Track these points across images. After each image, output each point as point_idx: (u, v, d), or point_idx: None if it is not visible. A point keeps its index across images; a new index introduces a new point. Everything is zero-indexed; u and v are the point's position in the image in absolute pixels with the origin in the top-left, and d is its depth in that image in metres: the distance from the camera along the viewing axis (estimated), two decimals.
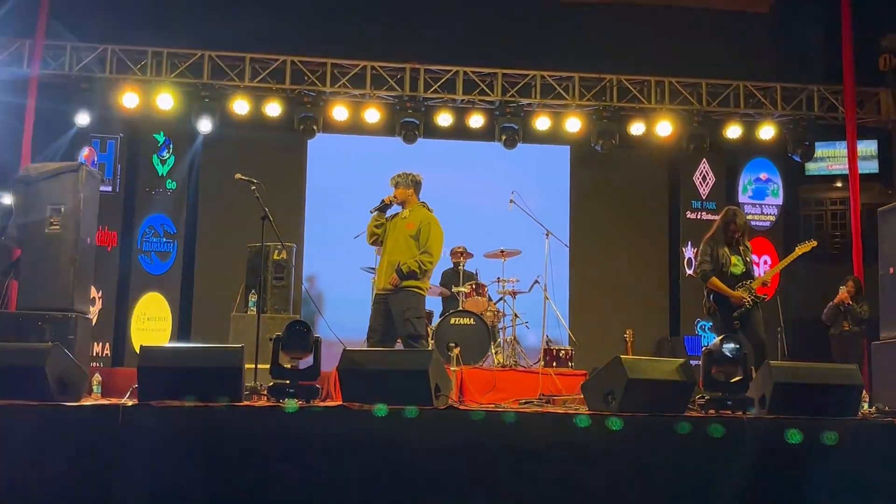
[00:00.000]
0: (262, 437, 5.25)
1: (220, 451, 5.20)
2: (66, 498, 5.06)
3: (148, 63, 11.52)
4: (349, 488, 5.13)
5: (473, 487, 5.18)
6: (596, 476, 5.28)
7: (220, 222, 11.90)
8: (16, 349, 6.09)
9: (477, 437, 5.32)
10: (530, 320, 10.27)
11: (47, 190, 8.25)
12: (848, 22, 11.30)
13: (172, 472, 5.11)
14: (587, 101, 12.10)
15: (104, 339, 11.48)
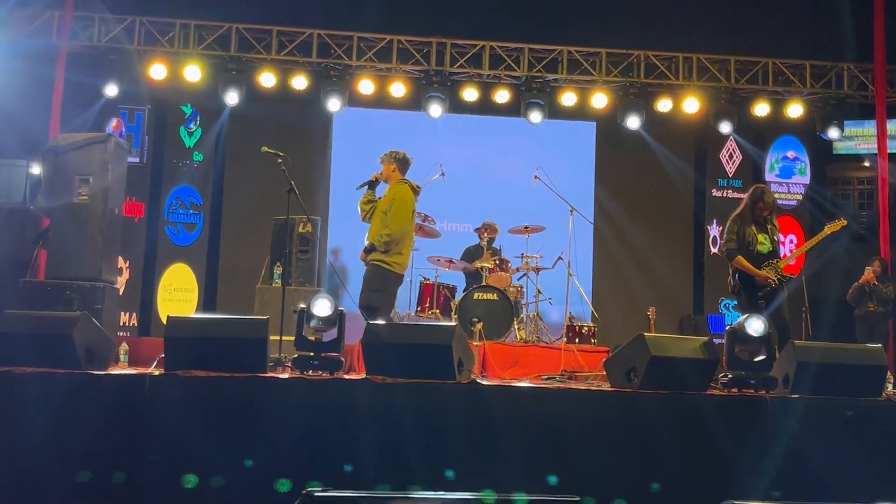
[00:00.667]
0: (286, 407, 5.30)
1: (244, 421, 5.27)
2: (93, 465, 5.14)
3: (176, 35, 11.55)
4: (371, 460, 5.18)
5: (495, 461, 5.22)
6: (617, 452, 5.30)
7: (246, 195, 11.94)
8: (44, 318, 6.18)
9: (499, 412, 5.35)
10: (553, 297, 10.27)
11: (76, 161, 8.32)
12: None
13: (197, 441, 5.17)
14: (614, 77, 12.03)
15: (131, 309, 11.58)
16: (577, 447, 5.26)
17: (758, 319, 6.00)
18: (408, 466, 5.15)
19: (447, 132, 12.25)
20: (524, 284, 10.31)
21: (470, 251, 10.79)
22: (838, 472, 5.28)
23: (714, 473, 5.27)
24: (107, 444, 5.17)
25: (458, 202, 11.93)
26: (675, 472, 5.26)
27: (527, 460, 5.24)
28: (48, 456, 5.11)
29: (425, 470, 5.15)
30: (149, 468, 5.15)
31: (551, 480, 5.15)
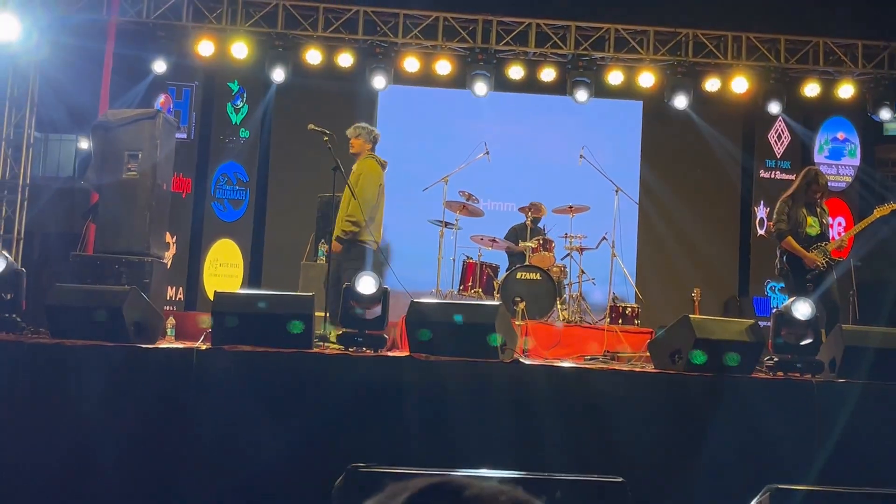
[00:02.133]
0: (331, 383, 5.36)
1: (290, 396, 5.33)
2: (142, 438, 5.24)
3: (223, 11, 11.61)
4: (414, 436, 5.22)
5: (537, 440, 5.23)
6: (660, 434, 5.29)
7: (291, 171, 12.02)
8: (94, 291, 6.29)
9: (542, 391, 5.36)
10: (597, 277, 10.24)
11: (125, 136, 8.42)
12: None
13: (243, 415, 5.25)
14: (661, 56, 11.90)
15: (177, 284, 11.71)
16: (620, 428, 5.26)
17: (805, 303, 5.94)
18: (451, 444, 5.19)
19: (492, 110, 12.21)
20: (567, 264, 10.28)
21: (515, 230, 10.78)
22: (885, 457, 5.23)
23: (758, 457, 5.24)
24: (155, 416, 5.27)
25: (502, 181, 11.91)
26: (719, 456, 5.24)
27: (569, 440, 5.25)
28: (98, 427, 5.22)
29: (468, 447, 5.18)
30: (196, 441, 5.24)
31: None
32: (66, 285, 6.35)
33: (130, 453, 5.20)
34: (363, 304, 6.07)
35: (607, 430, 5.26)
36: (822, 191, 7.69)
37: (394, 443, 5.22)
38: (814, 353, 5.89)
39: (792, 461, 5.21)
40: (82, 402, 5.25)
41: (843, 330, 5.89)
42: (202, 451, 5.23)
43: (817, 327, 5.95)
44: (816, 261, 7.44)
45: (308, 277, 9.44)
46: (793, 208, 7.64)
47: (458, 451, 5.16)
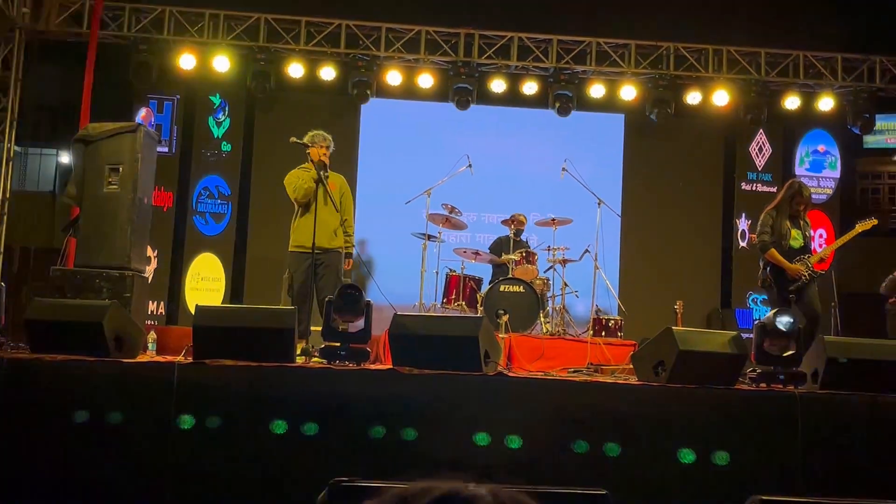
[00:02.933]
0: (313, 398, 5.33)
1: (272, 410, 5.29)
2: (122, 453, 5.19)
3: (205, 25, 11.60)
4: (398, 449, 5.20)
5: (521, 452, 5.22)
6: (643, 446, 5.28)
7: (274, 185, 11.91)
8: (75, 306, 6.23)
9: (525, 404, 5.35)
10: (580, 290, 10.24)
11: (106, 149, 8.35)
12: None
13: (226, 430, 5.21)
14: (643, 69, 11.96)
15: (159, 298, 11.66)
16: (604, 441, 5.25)
17: (787, 314, 5.95)
18: (434, 457, 5.17)
19: (475, 123, 12.24)
20: (551, 277, 10.29)
21: (499, 243, 10.78)
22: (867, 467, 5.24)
23: (741, 469, 5.24)
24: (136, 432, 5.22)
25: (485, 194, 11.92)
26: (702, 467, 5.23)
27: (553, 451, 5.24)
28: (80, 443, 5.17)
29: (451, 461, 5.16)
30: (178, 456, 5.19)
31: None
32: (45, 299, 6.29)
33: (111, 469, 5.15)
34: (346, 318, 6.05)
35: (591, 442, 5.25)
36: (805, 203, 7.76)
37: (377, 456, 5.19)
38: (796, 364, 5.89)
39: (775, 472, 5.21)
40: (62, 417, 5.20)
41: (825, 341, 5.91)
42: (184, 467, 5.18)
43: (800, 338, 5.97)
44: (800, 271, 7.49)
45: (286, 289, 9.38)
46: (776, 220, 7.70)
47: (442, 463, 5.13)
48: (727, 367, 5.72)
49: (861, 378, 5.61)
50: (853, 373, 5.64)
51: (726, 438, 5.29)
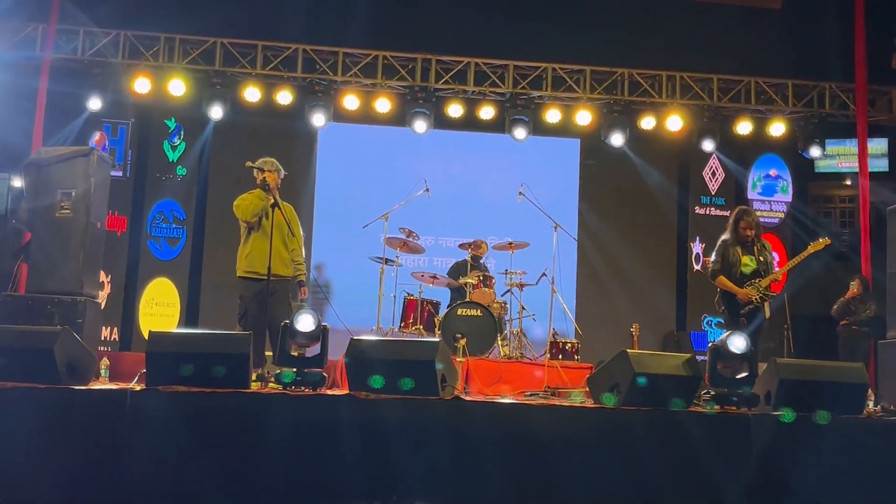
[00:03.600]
0: (268, 423, 5.28)
1: (228, 437, 5.24)
2: (75, 481, 5.10)
3: (160, 49, 11.54)
4: (355, 476, 5.16)
5: (478, 477, 5.20)
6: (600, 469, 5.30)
7: (229, 209, 11.78)
8: (25, 332, 6.13)
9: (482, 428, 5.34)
10: (537, 313, 10.28)
11: (58, 174, 8.27)
12: (861, 20, 11.25)
13: (179, 457, 5.14)
14: (598, 95, 12.08)
15: (112, 324, 11.52)
16: (560, 464, 5.25)
17: (740, 336, 6.02)
18: (392, 482, 5.14)
19: (432, 148, 12.28)
20: (508, 300, 10.32)
21: (457, 267, 10.79)
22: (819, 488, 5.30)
23: (697, 490, 5.27)
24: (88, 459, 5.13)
25: (442, 218, 11.95)
26: (658, 489, 5.25)
27: (510, 476, 5.23)
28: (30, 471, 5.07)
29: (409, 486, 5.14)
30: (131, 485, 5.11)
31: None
32: None
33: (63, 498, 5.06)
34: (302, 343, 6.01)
35: (548, 465, 5.25)
36: (751, 227, 7.91)
37: (334, 482, 5.15)
38: (749, 386, 5.95)
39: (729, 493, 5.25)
40: (13, 445, 5.10)
41: (778, 363, 5.97)
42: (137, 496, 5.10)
43: (753, 361, 6.03)
44: (749, 296, 7.68)
45: None
46: (727, 248, 7.92)
47: (400, 489, 5.11)
48: (682, 389, 5.76)
49: (813, 400, 5.68)
50: (805, 395, 5.71)
51: (681, 460, 5.32)
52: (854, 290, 10.56)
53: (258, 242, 7.67)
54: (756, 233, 7.96)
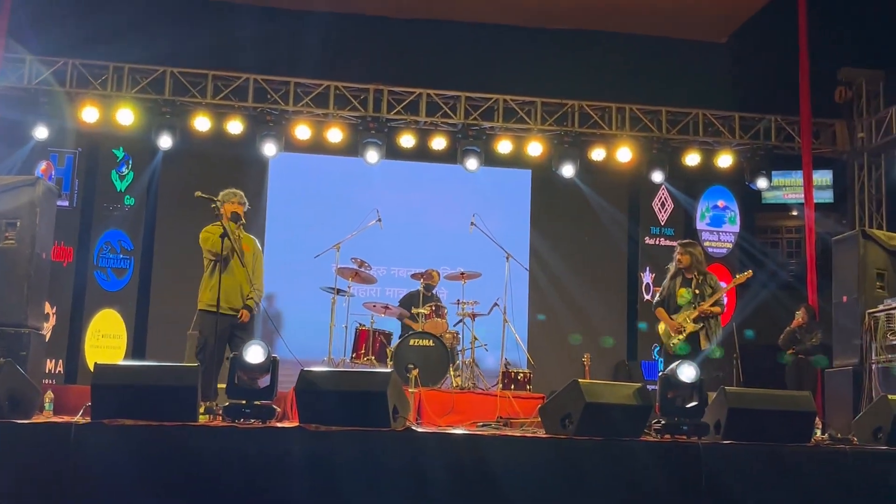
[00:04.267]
0: (217, 457, 5.19)
1: (174, 472, 5.14)
2: None
3: (109, 78, 11.44)
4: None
5: None
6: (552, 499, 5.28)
7: (178, 239, 11.77)
8: None
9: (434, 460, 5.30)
10: (489, 343, 10.28)
11: (3, 203, 8.15)
12: (805, 54, 11.51)
13: (125, 492, 5.03)
14: (549, 126, 12.19)
15: (57, 356, 11.31)
16: (513, 494, 5.23)
17: (689, 366, 6.06)
18: None
19: (384, 178, 12.27)
20: (460, 331, 10.30)
21: (409, 297, 10.76)
22: None
23: None
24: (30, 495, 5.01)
25: (394, 248, 11.92)
26: None
27: None
28: None
29: None
30: None
31: None
32: None
33: None
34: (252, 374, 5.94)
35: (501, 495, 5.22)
36: (687, 259, 8.33)
37: None
38: (699, 415, 5.99)
39: None
40: None
41: (727, 392, 6.02)
42: None
43: (702, 390, 6.07)
44: (680, 326, 8.19)
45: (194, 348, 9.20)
46: (669, 281, 8.46)
47: None
48: (633, 419, 5.78)
49: (762, 428, 5.73)
50: (754, 423, 5.76)
51: (633, 489, 5.33)
52: (799, 319, 10.71)
53: (225, 275, 7.52)
54: (693, 265, 8.30)
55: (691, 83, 12.62)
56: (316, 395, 5.63)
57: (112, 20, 11.46)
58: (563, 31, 12.84)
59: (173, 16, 11.78)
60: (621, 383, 6.50)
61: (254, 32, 11.58)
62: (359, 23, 12.45)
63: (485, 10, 12.42)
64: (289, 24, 11.84)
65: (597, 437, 5.51)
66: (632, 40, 12.82)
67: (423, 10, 12.42)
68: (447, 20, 12.58)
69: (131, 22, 11.51)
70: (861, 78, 12.36)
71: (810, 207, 11.76)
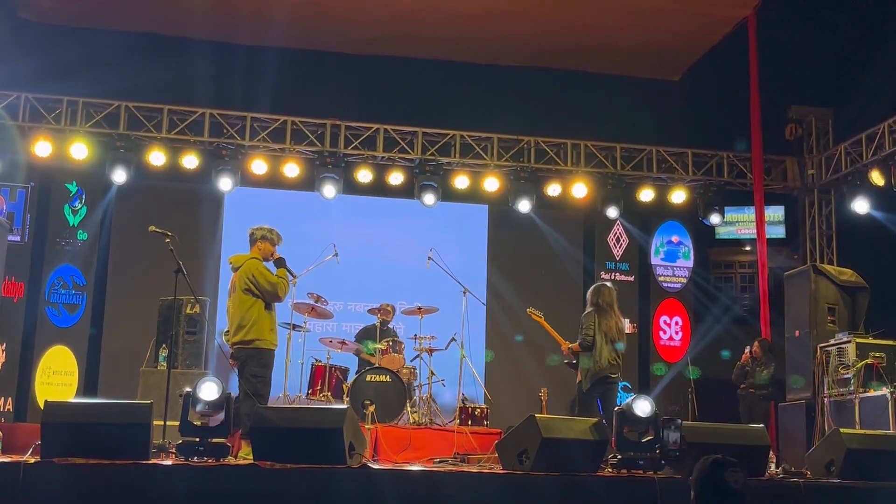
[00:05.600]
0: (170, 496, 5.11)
1: None
2: None
3: (63, 112, 11.34)
4: None
5: None
6: None
7: (131, 275, 11.65)
8: None
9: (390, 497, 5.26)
10: (446, 378, 10.25)
11: None
12: (756, 92, 11.72)
13: None
14: (505, 162, 12.27)
15: (7, 394, 11.08)
16: None
17: (645, 400, 6.10)
18: None
19: (341, 213, 12.24)
20: (417, 366, 10.27)
21: (366, 332, 10.71)
22: None
23: None
24: None
25: (351, 283, 11.87)
26: None
27: None
28: None
29: None
30: None
31: None
32: None
33: None
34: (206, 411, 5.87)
35: None
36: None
37: None
38: (654, 449, 6.02)
39: None
40: None
41: (683, 426, 6.06)
42: None
43: (658, 424, 6.10)
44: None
45: (147, 385, 9.10)
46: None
47: None
48: (590, 454, 5.79)
49: None
50: None
51: None
52: (747, 354, 10.80)
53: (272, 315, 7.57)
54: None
55: (645, 120, 12.77)
56: (270, 432, 5.58)
57: (66, 54, 11.37)
58: (519, 69, 12.97)
59: (128, 50, 11.71)
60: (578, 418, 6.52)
61: (210, 67, 11.54)
62: (316, 58, 12.47)
63: (442, 47, 12.52)
64: (245, 59, 11.81)
65: (554, 473, 5.52)
66: (587, 78, 12.98)
67: (380, 46, 12.49)
68: (405, 57, 12.65)
69: (86, 56, 11.41)
70: (811, 115, 12.61)
71: (762, 243, 11.92)
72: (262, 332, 7.39)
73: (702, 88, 12.97)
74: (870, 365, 8.79)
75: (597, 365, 8.25)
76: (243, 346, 7.36)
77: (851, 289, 10.06)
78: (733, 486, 3.42)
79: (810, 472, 6.57)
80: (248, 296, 7.41)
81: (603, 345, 8.29)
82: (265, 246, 7.65)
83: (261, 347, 7.36)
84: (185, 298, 9.26)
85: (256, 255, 7.59)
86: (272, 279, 7.44)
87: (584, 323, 8.45)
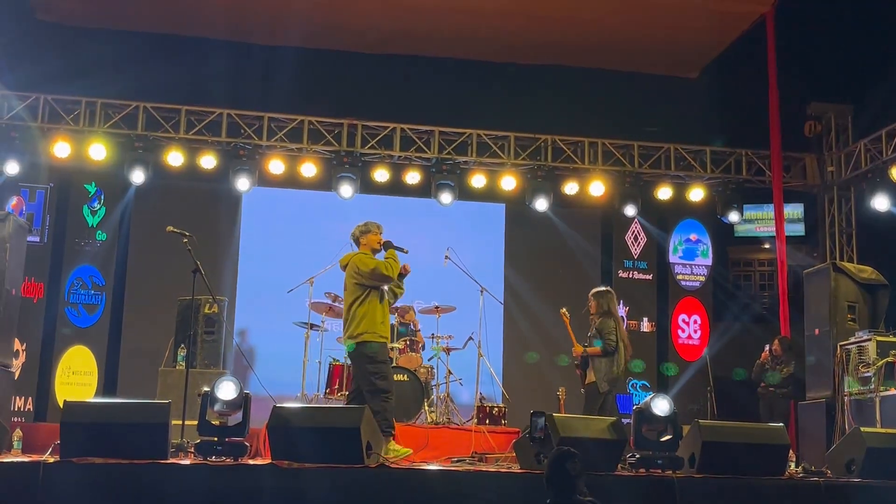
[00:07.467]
0: (188, 495, 5.13)
1: None
2: None
3: (81, 113, 11.39)
4: None
5: None
6: None
7: (150, 275, 11.69)
8: None
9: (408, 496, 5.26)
10: (464, 377, 10.24)
11: None
12: (775, 89, 11.65)
13: None
14: (522, 161, 12.24)
15: (27, 394, 11.14)
16: None
17: (663, 399, 6.07)
18: None
19: (358, 212, 12.20)
20: (435, 365, 10.27)
21: None
22: None
23: None
24: None
25: None
26: None
27: None
28: None
29: None
30: None
31: None
32: None
33: None
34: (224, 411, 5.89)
35: None
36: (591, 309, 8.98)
37: None
38: (673, 448, 5.99)
39: None
40: None
41: (701, 425, 6.02)
42: None
43: (677, 423, 6.07)
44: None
45: (166, 384, 9.12)
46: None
47: None
48: (607, 453, 5.77)
49: (736, 462, 5.73)
50: (728, 456, 5.76)
51: None
52: (766, 353, 10.73)
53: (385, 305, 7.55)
54: (596, 311, 8.89)
55: (663, 118, 12.72)
56: (288, 431, 5.59)
57: (85, 56, 11.45)
58: (536, 67, 12.93)
59: (146, 51, 11.77)
60: (596, 417, 6.50)
61: (227, 67, 11.57)
62: (333, 58, 12.48)
63: (458, 45, 12.50)
64: (262, 60, 11.85)
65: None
66: (604, 75, 12.93)
67: (396, 45, 12.48)
68: (421, 55, 12.65)
69: (104, 57, 11.49)
70: (830, 112, 12.51)
71: (782, 240, 11.84)
72: (372, 325, 7.32)
73: (720, 85, 12.90)
74: (890, 363, 8.70)
75: (617, 368, 8.48)
76: (352, 341, 7.33)
77: (872, 286, 9.98)
78: (571, 473, 4.51)
79: (830, 471, 6.52)
80: (356, 288, 7.41)
81: (622, 350, 8.55)
82: (368, 239, 7.67)
83: (366, 341, 7.28)
84: (203, 298, 9.30)
85: (363, 250, 7.60)
86: (371, 263, 7.42)
87: (604, 329, 8.55)
